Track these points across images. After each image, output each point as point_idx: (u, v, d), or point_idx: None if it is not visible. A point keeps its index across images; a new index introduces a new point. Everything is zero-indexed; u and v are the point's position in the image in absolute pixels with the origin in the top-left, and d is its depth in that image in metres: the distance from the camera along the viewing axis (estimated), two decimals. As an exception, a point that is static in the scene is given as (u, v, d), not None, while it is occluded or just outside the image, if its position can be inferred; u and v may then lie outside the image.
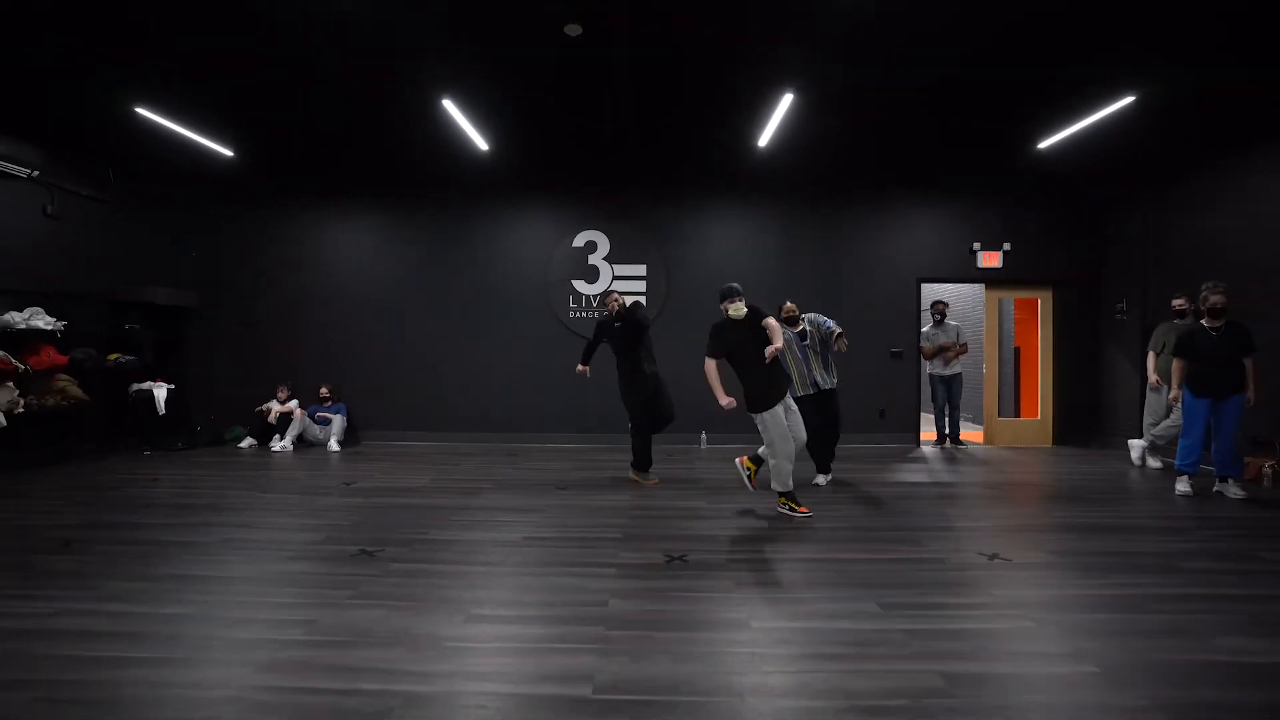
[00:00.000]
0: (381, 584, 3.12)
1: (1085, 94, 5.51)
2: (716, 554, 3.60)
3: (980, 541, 3.83)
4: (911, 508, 4.70)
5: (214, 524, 4.19)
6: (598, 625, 2.63)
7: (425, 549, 3.70)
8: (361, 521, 4.30)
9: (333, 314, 8.32)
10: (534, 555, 3.60)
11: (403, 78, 5.48)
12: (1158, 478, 5.87)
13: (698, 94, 5.87)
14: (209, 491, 5.24)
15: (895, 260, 8.07)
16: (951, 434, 7.91)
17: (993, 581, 3.16)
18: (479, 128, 6.45)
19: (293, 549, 3.67)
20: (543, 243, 8.20)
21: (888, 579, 3.18)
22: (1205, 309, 5.08)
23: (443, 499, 5.00)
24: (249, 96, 5.96)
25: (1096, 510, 4.63)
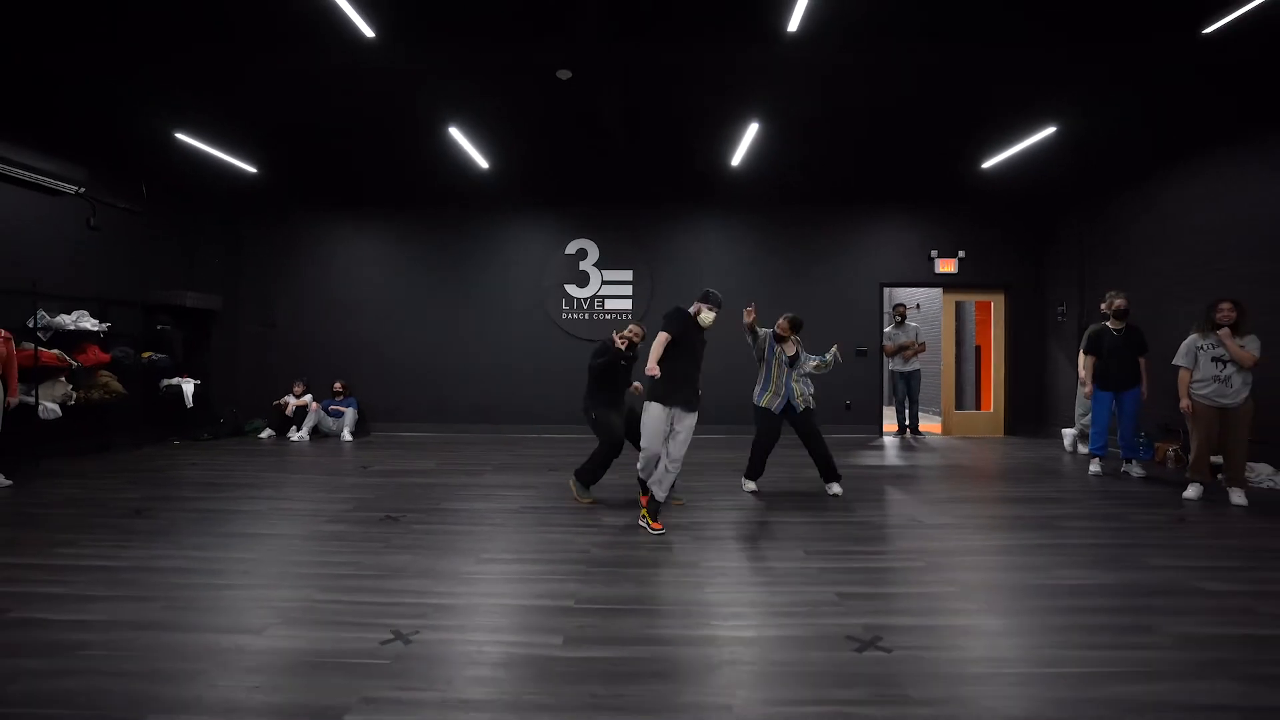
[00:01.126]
0: (407, 538, 3.86)
1: (1013, 124, 6.28)
2: (682, 518, 4.34)
3: (905, 509, 4.59)
4: (859, 485, 5.45)
5: (258, 497, 4.91)
6: (581, 564, 3.38)
7: (440, 515, 4.43)
8: (383, 495, 5.02)
9: (345, 316, 9.03)
10: (530, 519, 4.34)
11: (414, 109, 6.19)
12: (1082, 462, 6.64)
13: (676, 122, 6.61)
14: (243, 473, 5.96)
15: (859, 266, 8.83)
16: (911, 425, 8.67)
17: (902, 537, 3.91)
18: (480, 149, 7.17)
19: (329, 515, 4.40)
20: (538, 250, 8.93)
21: (817, 535, 3.93)
22: (1110, 312, 5.86)
23: (450, 478, 5.73)
24: (275, 123, 6.67)
25: (1016, 487, 5.41)
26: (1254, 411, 4.74)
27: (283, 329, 9.11)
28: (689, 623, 2.65)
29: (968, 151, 7.21)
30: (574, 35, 4.88)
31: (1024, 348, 8.86)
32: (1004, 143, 6.76)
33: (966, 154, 7.27)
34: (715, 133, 6.80)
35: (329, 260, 9.11)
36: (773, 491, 5.18)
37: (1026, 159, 7.15)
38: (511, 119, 6.54)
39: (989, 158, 7.19)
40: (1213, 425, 4.80)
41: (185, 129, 6.61)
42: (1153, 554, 3.52)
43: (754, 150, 7.17)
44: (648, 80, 5.72)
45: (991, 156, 7.14)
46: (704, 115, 6.38)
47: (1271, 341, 4.87)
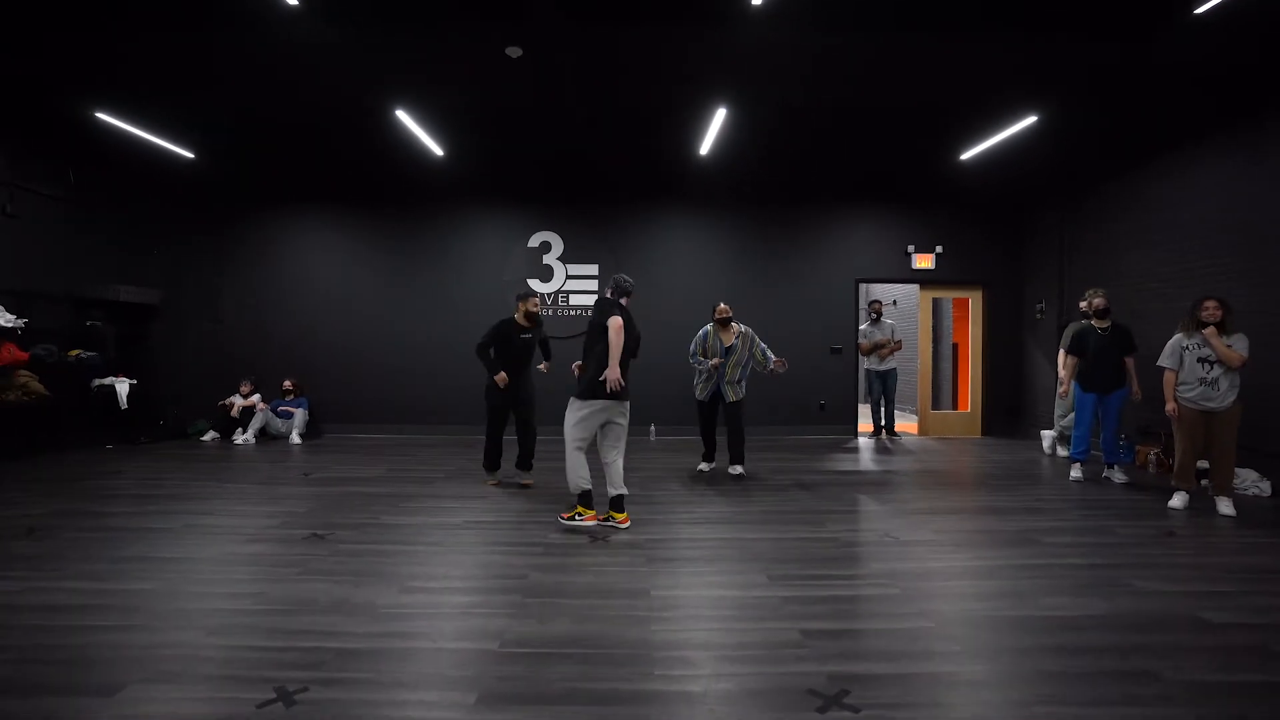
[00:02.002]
0: (329, 561, 3.45)
1: (994, 114, 5.99)
2: (637, 534, 3.99)
3: (878, 522, 4.28)
4: (829, 494, 5.14)
5: (175, 511, 4.46)
6: (516, 593, 3.00)
7: (373, 532, 4.03)
8: (316, 508, 4.60)
9: (296, 311, 8.53)
10: (471, 537, 3.96)
11: (355, 88, 5.74)
12: (1062, 465, 6.41)
13: (639, 109, 6.23)
14: (171, 482, 5.48)
15: (835, 261, 8.53)
16: (887, 425, 8.41)
17: (874, 557, 3.60)
18: (433, 135, 6.73)
19: (249, 533, 3.97)
20: (498, 243, 8.50)
21: (782, 555, 3.59)
22: (1090, 311, 5.61)
23: (396, 487, 5.32)
24: (207, 104, 6.16)
25: (994, 495, 5.13)
26: (1241, 415, 4.51)
27: (230, 325, 8.60)
28: (629, 673, 2.29)
29: (946, 142, 6.93)
30: (526, 15, 4.49)
31: (1002, 346, 8.64)
32: (983, 133, 6.48)
33: (945, 145, 6.98)
34: (682, 120, 6.43)
35: (278, 253, 8.60)
36: (740, 498, 4.84)
37: (1007, 151, 6.89)
38: (465, 103, 6.11)
39: (968, 148, 6.91)
40: (1198, 430, 4.57)
41: (109, 109, 6.08)
42: (1144, 576, 3.24)
43: (724, 139, 6.82)
44: (605, 63, 5.33)
45: (971, 147, 6.86)
46: (668, 100, 6.01)
47: (1259, 342, 4.63)
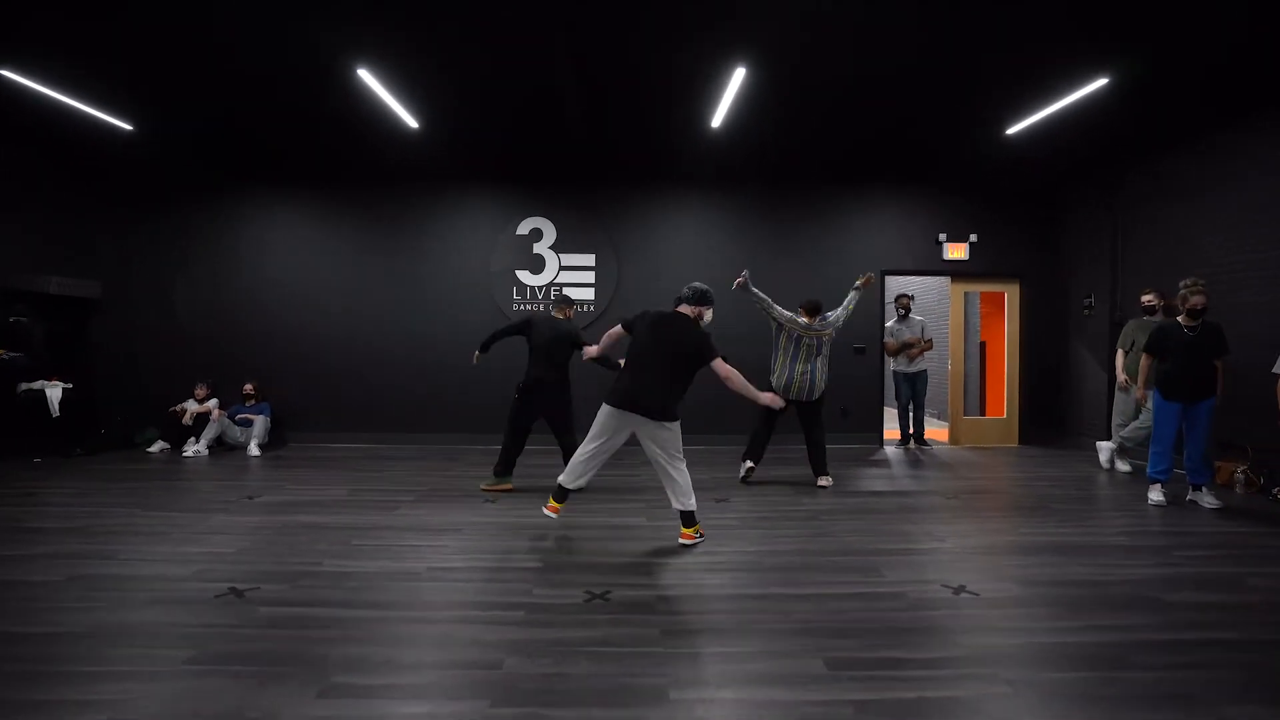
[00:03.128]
0: (235, 638, 2.58)
1: (1057, 74, 5.11)
2: (646, 588, 3.13)
3: (944, 568, 3.44)
4: (871, 524, 4.30)
5: (68, 555, 3.58)
6: (482, 699, 2.14)
7: (309, 585, 3.16)
8: (248, 548, 3.73)
9: (259, 307, 7.64)
10: (433, 593, 3.09)
11: (305, 40, 4.83)
12: (1127, 483, 5.59)
13: (644, 68, 5.34)
14: (86, 509, 4.60)
15: (858, 251, 7.69)
16: (916, 433, 7.58)
17: (958, 625, 2.74)
18: (405, 103, 5.83)
19: (147, 589, 3.10)
20: (484, 230, 7.62)
21: (838, 623, 2.74)
22: (1185, 309, 4.76)
23: (353, 515, 4.45)
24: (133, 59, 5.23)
25: (1066, 525, 4.29)
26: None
27: (184, 321, 7.68)
28: None
29: (991, 114, 6.05)
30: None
31: (1041, 346, 7.80)
32: (1038, 101, 5.60)
33: (990, 117, 6.11)
34: (694, 84, 5.54)
35: (236, 240, 7.69)
36: (767, 532, 3.99)
37: (1055, 124, 6.03)
38: (437, 61, 5.21)
39: (1017, 121, 6.04)
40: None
41: (20, 69, 5.17)
42: (1331, 660, 2.40)
43: (738, 112, 5.94)
44: (606, 11, 4.44)
45: (1021, 119, 5.99)
46: (680, 58, 5.11)
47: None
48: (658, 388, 3.68)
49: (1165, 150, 6.31)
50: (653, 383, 3.69)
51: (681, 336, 3.75)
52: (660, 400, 3.65)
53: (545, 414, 5.11)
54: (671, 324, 3.81)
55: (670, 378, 3.71)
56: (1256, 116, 5.45)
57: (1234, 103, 5.49)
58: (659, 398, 3.65)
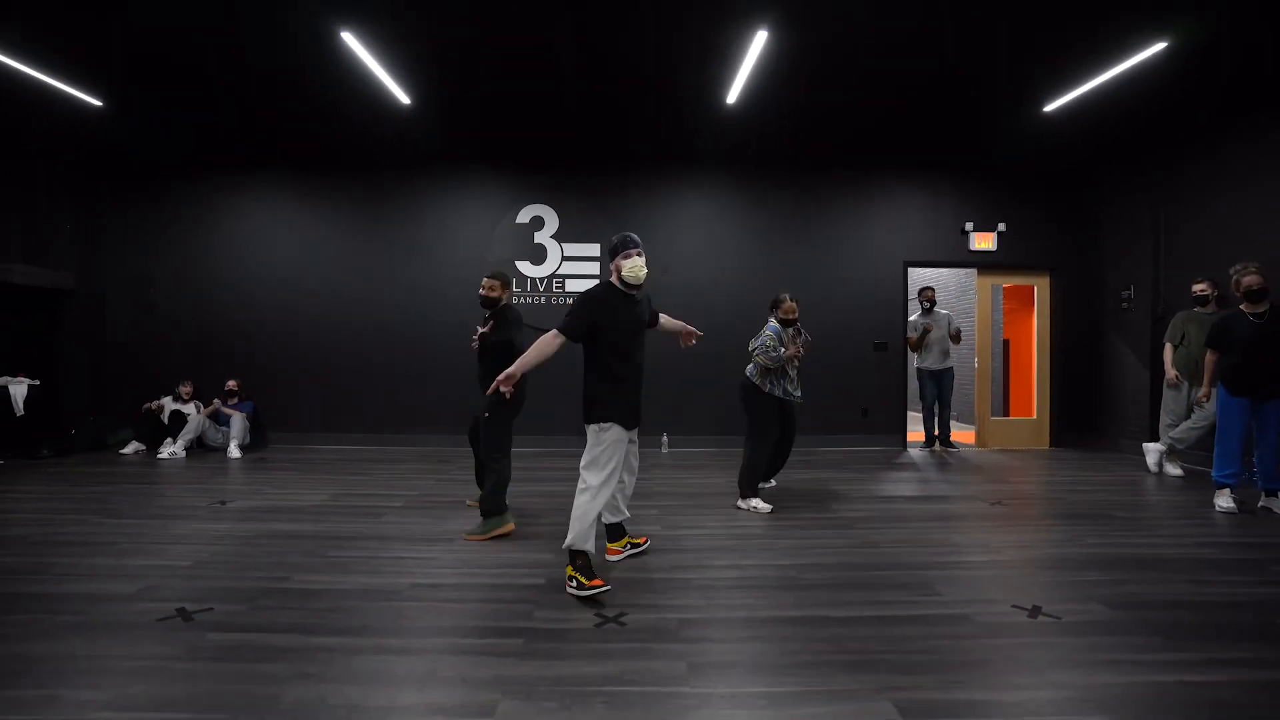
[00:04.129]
0: (169, 673, 2.11)
1: (1108, 38, 4.65)
2: (666, 610, 2.66)
3: (1010, 586, 2.96)
4: (913, 533, 3.83)
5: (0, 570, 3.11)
6: (466, 761, 1.67)
7: (270, 605, 2.69)
8: (206, 561, 3.26)
9: (240, 298, 7.19)
10: (415, 615, 2.62)
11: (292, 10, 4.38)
12: (1182, 488, 5.11)
13: (655, 33, 4.89)
14: (34, 517, 4.13)
15: (879, 241, 7.24)
16: (941, 435, 7.10)
17: (1044, 658, 2.27)
18: (394, 74, 5.39)
19: (78, 611, 2.62)
20: (481, 218, 7.17)
21: (901, 654, 2.27)
22: (1240, 293, 4.31)
23: (333, 523, 3.98)
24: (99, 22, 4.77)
25: (1135, 534, 3.81)
26: None
27: (164, 314, 7.22)
28: None
29: (1029, 87, 5.60)
30: None
31: (1075, 342, 7.34)
32: (1084, 72, 5.15)
33: (1027, 91, 5.65)
34: (707, 54, 5.10)
35: (220, 228, 7.23)
36: (800, 544, 3.51)
37: (1096, 101, 5.58)
38: (428, 25, 4.76)
39: (1056, 96, 5.59)
40: None
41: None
42: None
43: (755, 88, 5.50)
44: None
45: (1062, 94, 5.53)
46: (691, 23, 4.66)
47: None
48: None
49: (1216, 131, 5.85)
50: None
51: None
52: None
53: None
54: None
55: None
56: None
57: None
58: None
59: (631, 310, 3.06)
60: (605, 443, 2.91)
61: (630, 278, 3.01)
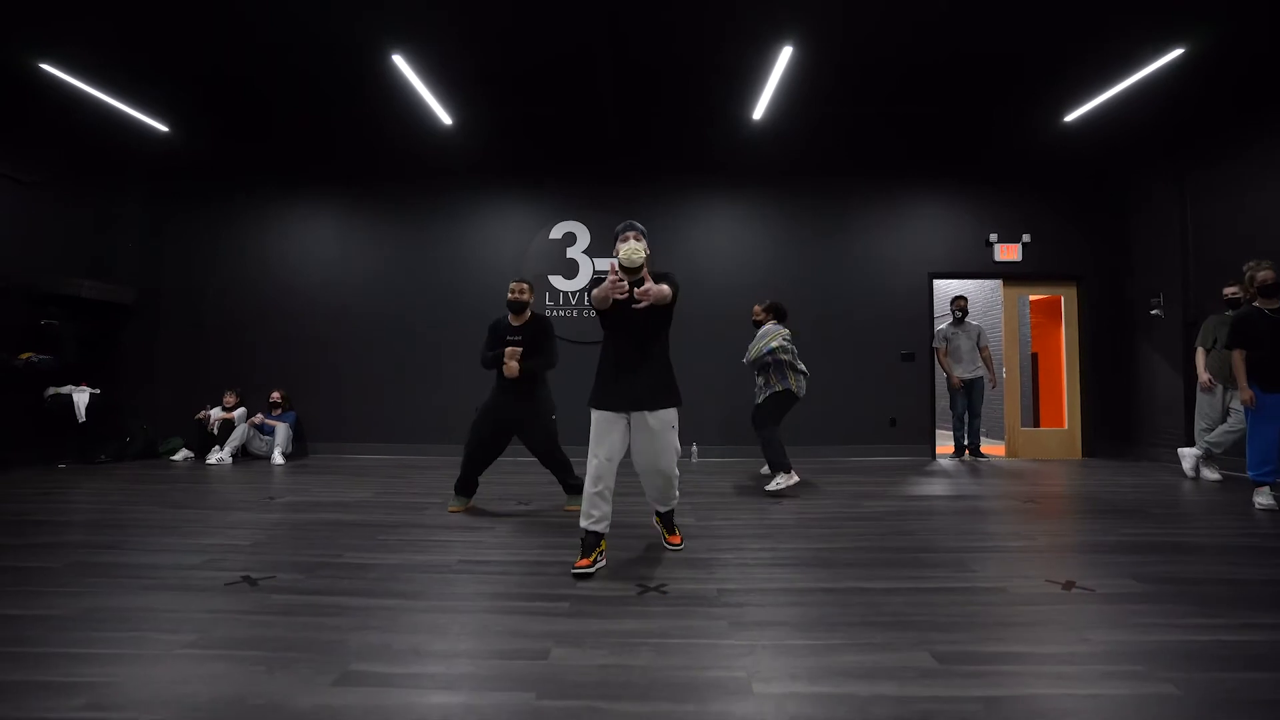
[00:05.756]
0: (242, 624, 2.27)
1: (1126, 45, 4.79)
2: (707, 583, 2.75)
3: (1043, 564, 3.00)
4: (945, 523, 3.87)
5: (70, 544, 3.32)
6: (526, 690, 1.78)
7: (328, 575, 2.84)
8: (264, 542, 3.43)
9: (287, 313, 7.52)
10: (465, 584, 2.75)
11: (347, 21, 4.72)
12: (1219, 490, 5.05)
13: (688, 52, 5.15)
14: (101, 506, 4.37)
15: (905, 253, 7.33)
16: (971, 445, 7.09)
17: (1080, 619, 2.32)
18: (439, 96, 5.72)
19: (150, 577, 2.81)
20: (516, 234, 7.44)
21: (937, 616, 2.33)
22: (1255, 289, 4.34)
23: (379, 515, 4.14)
24: (168, 50, 5.18)
25: (1168, 526, 3.81)
26: None
27: (214, 328, 7.57)
28: None
29: (1046, 102, 5.74)
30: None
31: (1104, 351, 7.31)
32: (1103, 81, 5.28)
33: (1045, 104, 5.80)
34: (735, 71, 5.34)
35: (268, 246, 7.61)
36: (834, 528, 3.58)
37: (1119, 106, 5.69)
38: (471, 47, 5.08)
39: (1076, 106, 5.71)
40: None
41: (58, 63, 5.15)
42: None
43: (781, 100, 5.72)
44: None
45: (1082, 103, 5.66)
46: (723, 38, 4.91)
47: None
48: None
49: (1242, 130, 5.88)
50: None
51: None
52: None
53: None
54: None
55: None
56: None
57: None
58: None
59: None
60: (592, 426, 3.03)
61: (624, 260, 3.02)
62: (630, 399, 3.00)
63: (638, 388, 3.00)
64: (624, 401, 3.00)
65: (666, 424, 3.03)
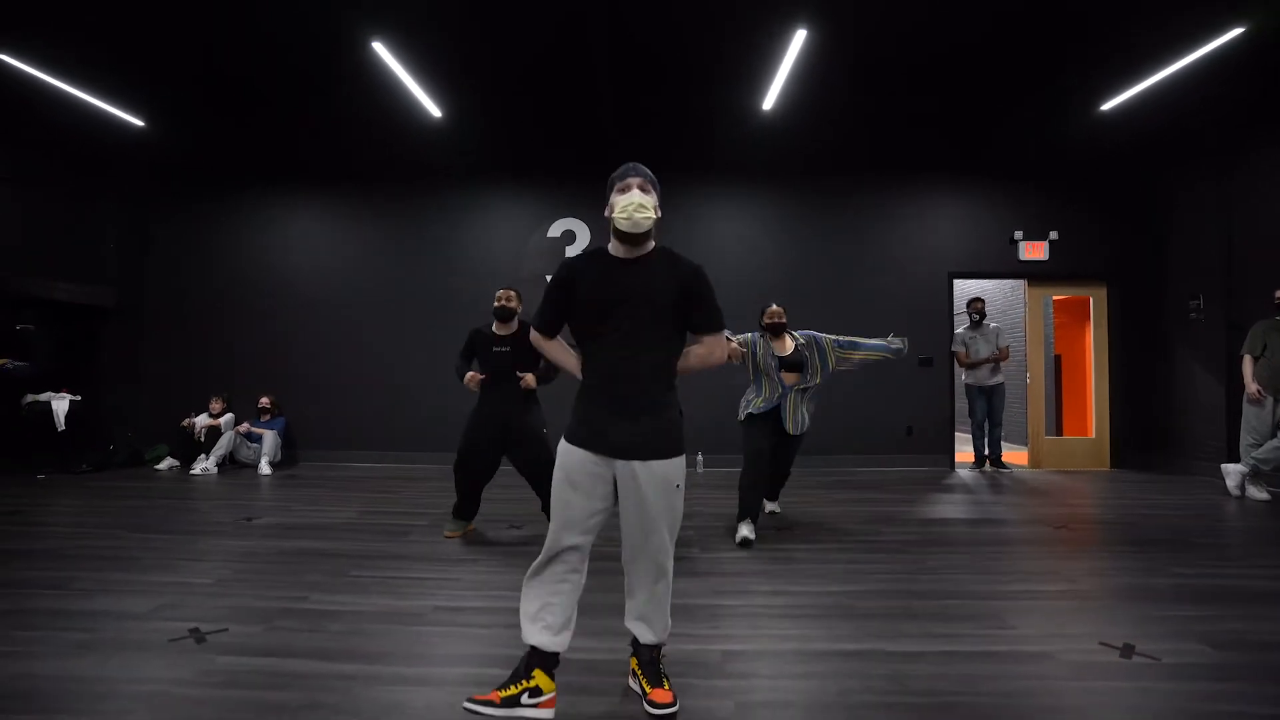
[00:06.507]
0: (172, 698, 1.96)
1: (1176, 27, 4.37)
2: (708, 640, 2.43)
3: (1091, 619, 2.65)
4: (971, 559, 3.52)
5: (16, 583, 3.03)
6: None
7: (286, 627, 2.54)
8: (227, 579, 3.14)
9: (275, 315, 7.23)
10: (435, 643, 2.43)
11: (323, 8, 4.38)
12: (1268, 513, 4.68)
13: (693, 34, 4.77)
14: (66, 530, 4.10)
15: (923, 252, 6.94)
16: (992, 455, 6.73)
17: (1145, 704, 1.97)
18: (426, 87, 5.38)
19: (90, 628, 2.51)
20: (513, 233, 7.11)
21: (975, 695, 2.00)
22: None
23: (358, 541, 3.85)
24: (139, 44, 4.86)
25: (1223, 564, 3.44)
26: None
27: (200, 331, 7.30)
28: None
29: (1086, 87, 5.32)
30: None
31: (1136, 356, 6.90)
32: (1147, 66, 4.86)
33: (1083, 92, 5.38)
34: (744, 57, 4.97)
35: (255, 245, 7.31)
36: (865, 575, 3.24)
37: (1159, 94, 5.27)
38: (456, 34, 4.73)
39: (1116, 92, 5.30)
40: None
41: (15, 51, 4.85)
42: None
43: (794, 88, 5.34)
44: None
45: (1122, 89, 5.24)
46: (732, 23, 4.53)
47: None
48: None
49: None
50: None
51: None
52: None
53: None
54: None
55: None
56: None
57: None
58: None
59: (619, 280, 1.89)
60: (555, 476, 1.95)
61: (623, 223, 1.86)
62: (616, 442, 1.89)
63: (628, 427, 1.88)
64: (606, 443, 1.89)
65: (669, 482, 1.92)
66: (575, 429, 1.94)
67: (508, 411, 3.78)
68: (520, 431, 3.78)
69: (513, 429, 3.78)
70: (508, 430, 3.79)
